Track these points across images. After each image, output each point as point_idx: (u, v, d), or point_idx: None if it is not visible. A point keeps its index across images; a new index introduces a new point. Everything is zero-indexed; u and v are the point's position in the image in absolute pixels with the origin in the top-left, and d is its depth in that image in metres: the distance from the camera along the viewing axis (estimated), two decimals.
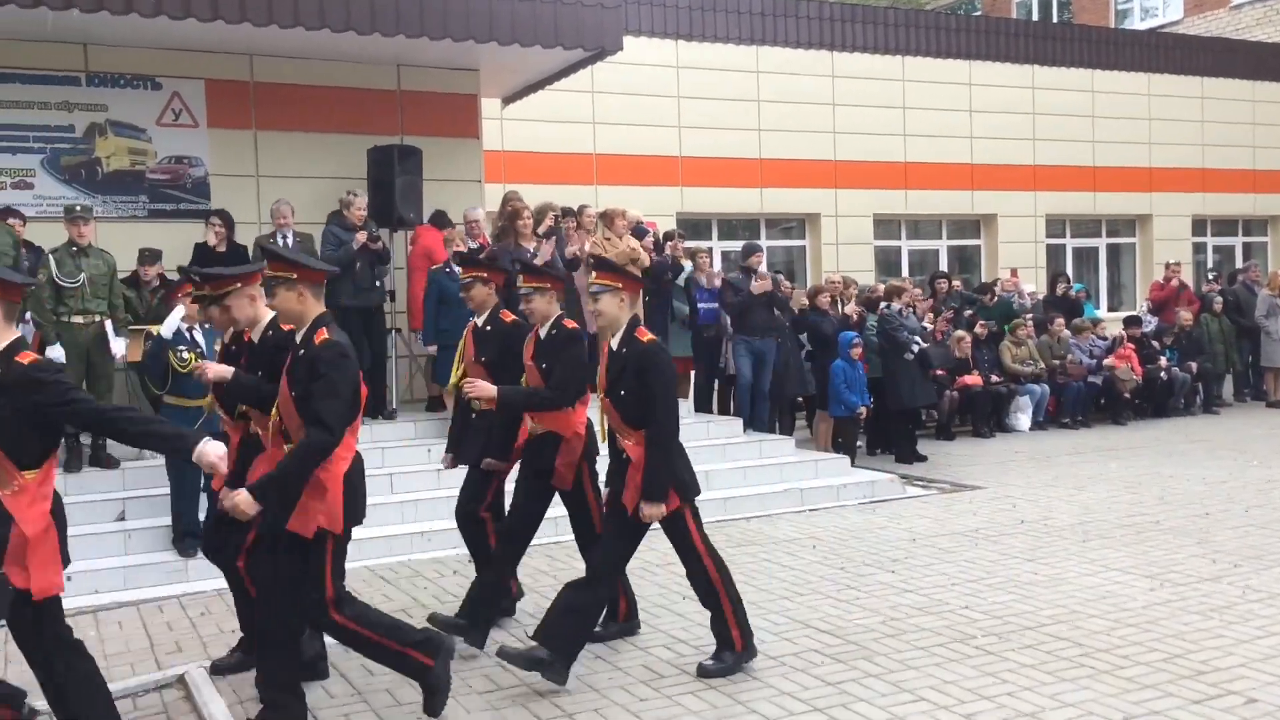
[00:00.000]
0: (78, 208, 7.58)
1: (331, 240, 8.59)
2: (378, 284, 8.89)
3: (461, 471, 5.73)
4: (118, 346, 7.55)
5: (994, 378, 12.27)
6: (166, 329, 6.60)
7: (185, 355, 6.59)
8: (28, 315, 7.09)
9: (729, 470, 8.72)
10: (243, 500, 3.95)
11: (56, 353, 7.08)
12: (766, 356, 10.10)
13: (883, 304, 11.06)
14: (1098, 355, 13.07)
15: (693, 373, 10.77)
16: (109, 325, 7.52)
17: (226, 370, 4.62)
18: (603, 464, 5.02)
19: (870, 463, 10.36)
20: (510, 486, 5.54)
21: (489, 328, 5.65)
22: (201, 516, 6.84)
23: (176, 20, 8.24)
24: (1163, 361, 13.24)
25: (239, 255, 8.67)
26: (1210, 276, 14.71)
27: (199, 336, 6.72)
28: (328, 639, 4.68)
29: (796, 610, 5.66)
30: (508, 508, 5.50)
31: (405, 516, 7.57)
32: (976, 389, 12.00)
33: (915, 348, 10.50)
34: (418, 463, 8.16)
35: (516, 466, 5.48)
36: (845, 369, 10.15)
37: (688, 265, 10.64)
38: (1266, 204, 19.25)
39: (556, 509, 5.46)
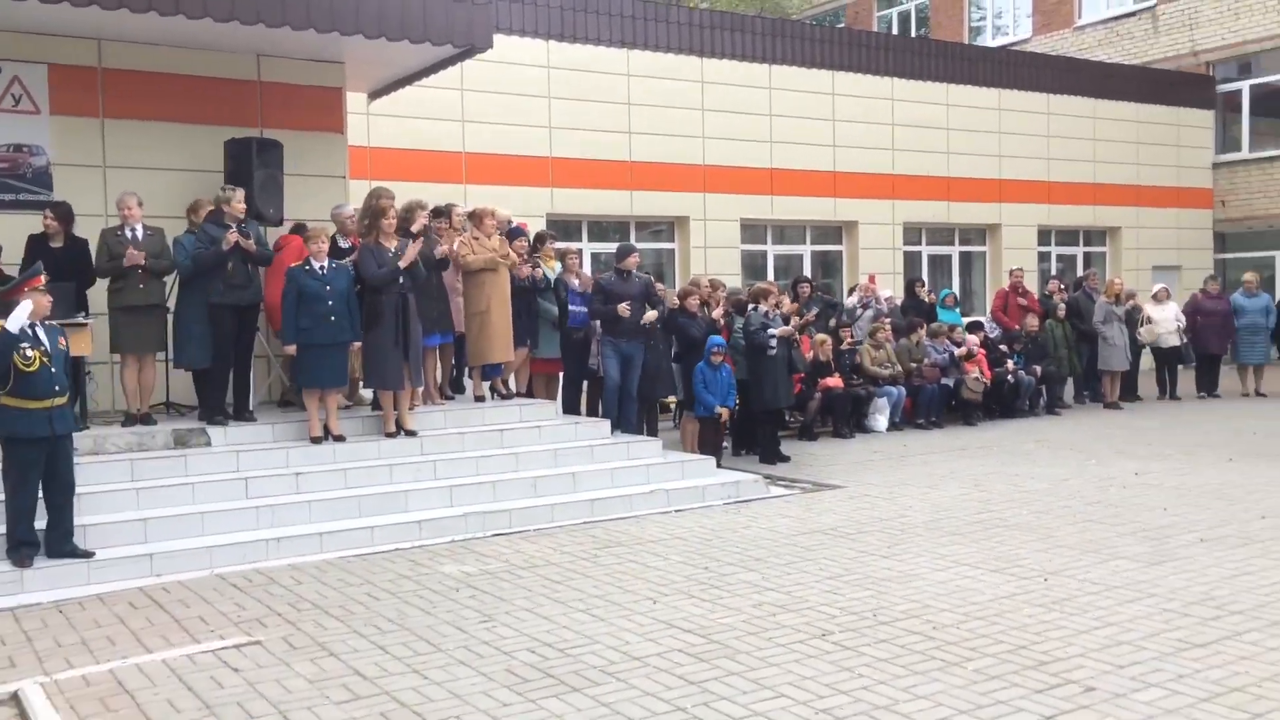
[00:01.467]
0: None
1: (205, 238, 8.25)
2: (253, 282, 8.56)
3: (327, 478, 5.57)
4: None
5: (854, 379, 12.63)
6: (13, 324, 6.22)
7: (29, 354, 6.24)
8: None
9: (596, 472, 8.73)
10: None
11: None
12: (635, 358, 10.16)
13: (750, 307, 11.24)
14: (943, 360, 13.50)
15: (561, 374, 10.76)
16: None
17: None
18: None
19: (735, 463, 10.52)
20: None
21: None
22: (41, 525, 6.52)
23: (16, 1, 7.79)
24: (1010, 365, 13.83)
25: (78, 249, 8.26)
26: (1059, 284, 15.40)
27: (41, 333, 6.38)
28: None
29: (661, 611, 5.71)
30: None
31: (260, 522, 7.34)
32: (837, 391, 12.31)
33: (773, 344, 10.68)
34: (275, 466, 7.92)
35: None
36: (705, 371, 10.29)
37: (557, 266, 10.62)
38: (1106, 216, 20.34)
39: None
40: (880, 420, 12.74)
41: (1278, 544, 6.81)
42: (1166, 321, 15.28)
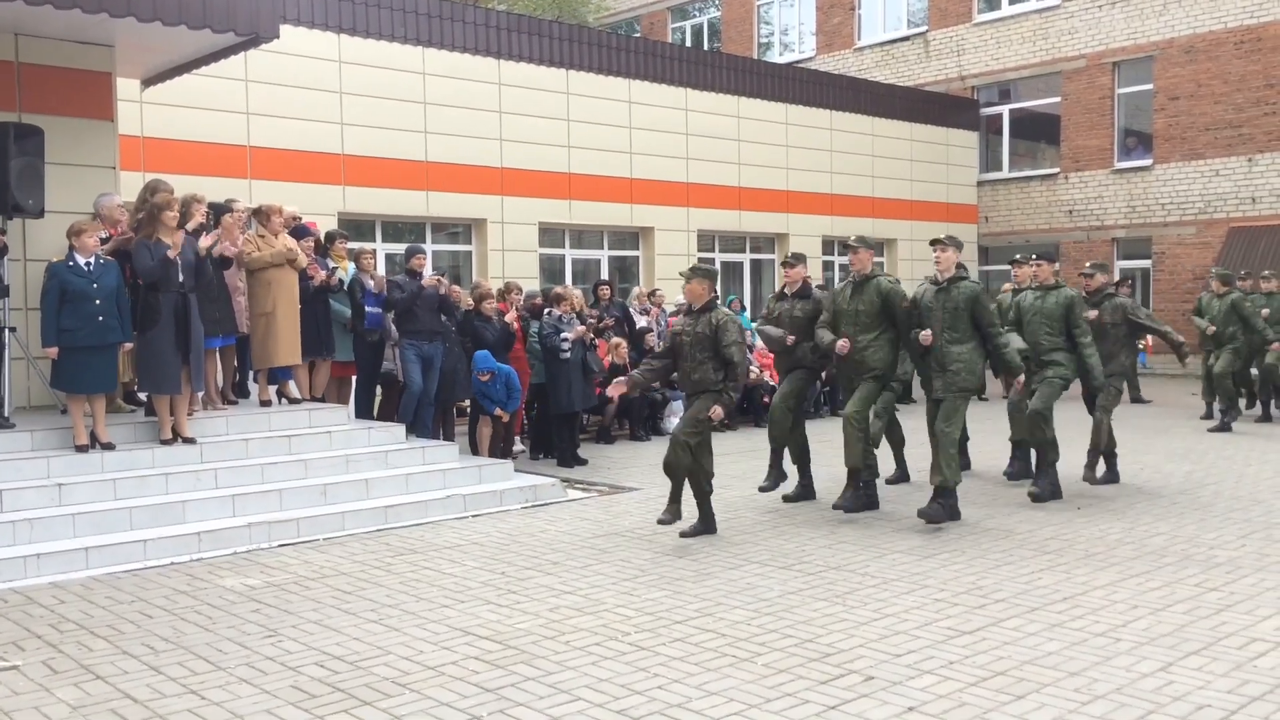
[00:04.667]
0: None
1: None
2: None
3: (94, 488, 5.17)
4: None
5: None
6: None
7: None
8: None
9: (390, 478, 8.52)
10: None
11: None
12: (434, 360, 9.98)
13: (546, 310, 11.25)
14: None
15: (354, 378, 10.44)
16: None
17: None
18: None
19: (533, 467, 10.50)
20: None
21: None
22: None
23: None
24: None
25: None
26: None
27: None
28: None
29: (457, 618, 5.62)
30: None
31: (18, 537, 6.76)
32: (633, 395, 12.47)
33: (566, 348, 10.74)
34: (35, 477, 7.33)
35: None
36: (478, 382, 10.33)
37: (350, 267, 10.29)
38: (883, 228, 21.49)
39: None
40: (675, 423, 12.99)
41: (1034, 536, 7.38)
42: None
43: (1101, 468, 9.46)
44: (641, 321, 13.93)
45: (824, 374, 9.87)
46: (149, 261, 7.80)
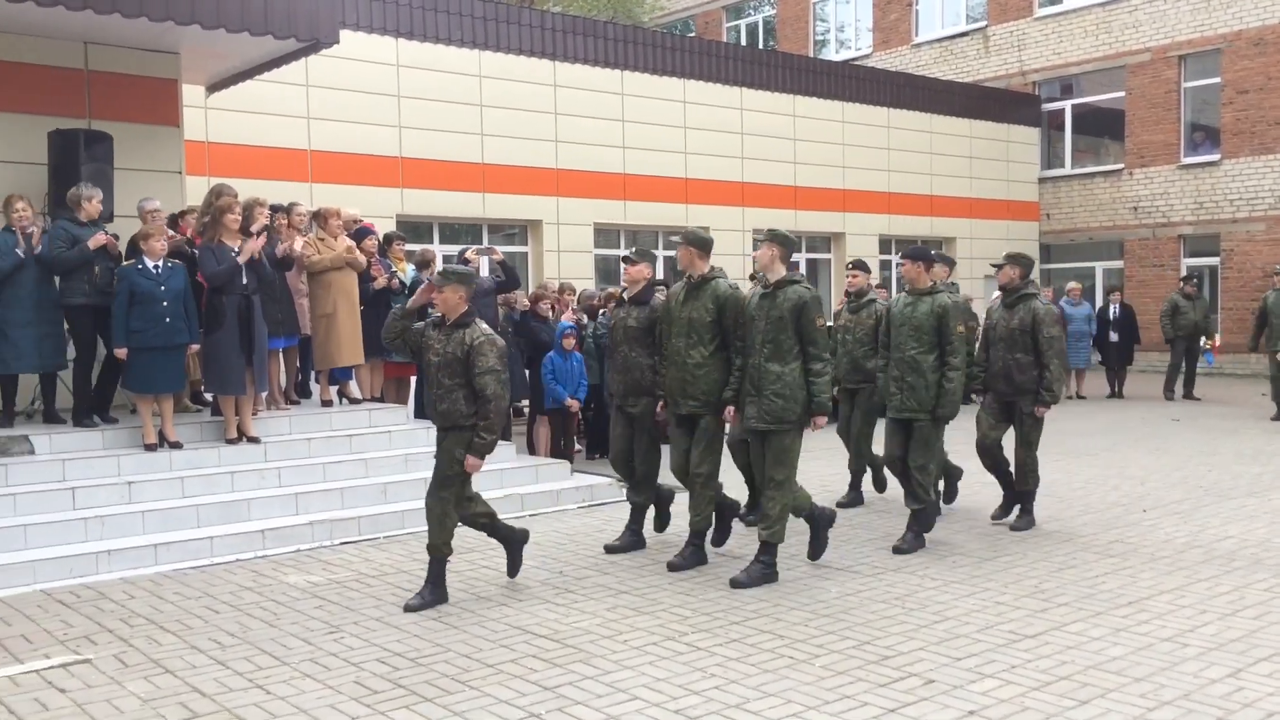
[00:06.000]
0: None
1: (63, 238, 7.90)
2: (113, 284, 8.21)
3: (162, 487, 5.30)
4: None
5: None
6: None
7: None
8: None
9: None
10: None
11: None
12: None
13: (601, 311, 11.27)
14: None
15: (413, 378, 10.55)
16: None
17: None
18: None
19: (589, 467, 10.52)
20: None
21: None
22: None
23: None
24: None
25: None
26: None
27: None
28: None
29: (516, 616, 5.66)
30: None
31: (89, 534, 6.94)
32: None
33: None
34: (105, 475, 7.51)
35: None
36: (555, 361, 10.33)
37: (409, 268, 10.42)
38: (941, 226, 21.25)
39: None
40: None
41: (1098, 539, 7.25)
42: None
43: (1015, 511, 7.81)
44: None
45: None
46: (214, 265, 7.96)
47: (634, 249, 7.33)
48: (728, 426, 6.73)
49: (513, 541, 6.40)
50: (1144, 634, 5.18)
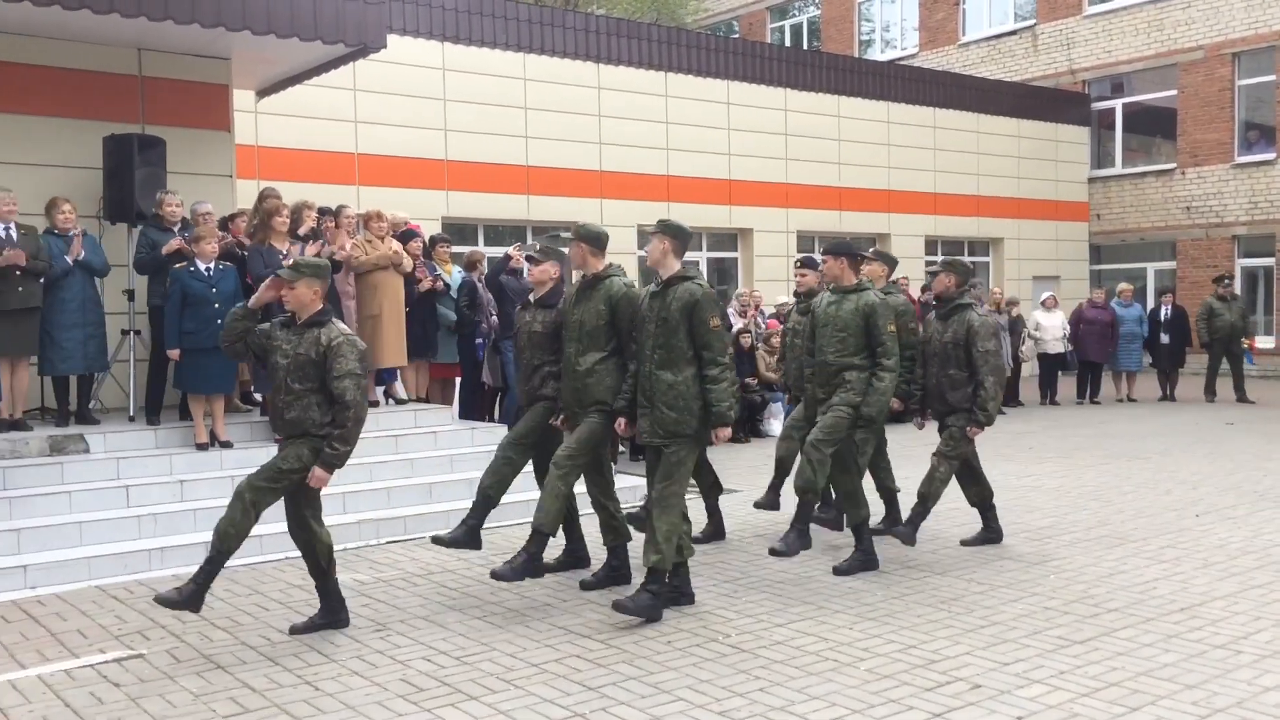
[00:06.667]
0: None
1: (145, 244, 8.30)
2: None
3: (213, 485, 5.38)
4: None
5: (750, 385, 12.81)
6: None
7: None
8: None
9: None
10: None
11: None
12: None
13: None
14: None
15: (458, 379, 10.64)
16: None
17: None
18: None
19: (632, 469, 10.53)
20: None
21: None
22: None
23: None
24: None
25: None
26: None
27: None
28: None
29: (560, 616, 5.68)
30: None
31: (143, 531, 7.07)
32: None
33: None
34: (158, 473, 7.64)
35: None
36: None
37: (455, 270, 10.51)
38: (988, 227, 21.04)
39: None
40: (775, 425, 12.92)
41: (1150, 544, 7.13)
42: (1053, 329, 15.96)
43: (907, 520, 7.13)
44: (738, 324, 13.86)
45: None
46: (262, 267, 8.07)
47: (538, 246, 6.56)
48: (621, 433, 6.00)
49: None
50: (1196, 640, 5.10)
